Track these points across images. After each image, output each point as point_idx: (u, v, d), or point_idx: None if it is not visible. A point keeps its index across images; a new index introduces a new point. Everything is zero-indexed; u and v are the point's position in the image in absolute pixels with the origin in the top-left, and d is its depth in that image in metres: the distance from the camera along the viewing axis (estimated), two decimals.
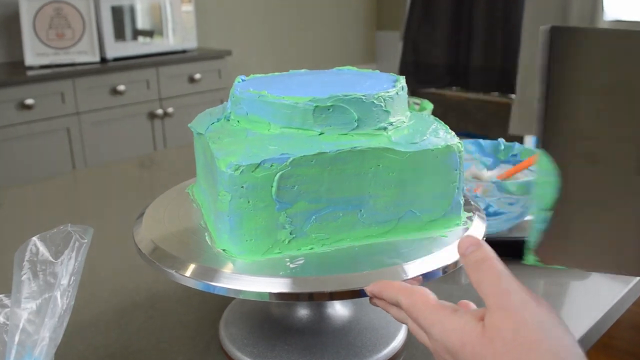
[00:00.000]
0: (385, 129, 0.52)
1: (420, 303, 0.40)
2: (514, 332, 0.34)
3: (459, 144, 0.53)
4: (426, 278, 0.47)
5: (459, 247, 0.41)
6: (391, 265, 0.47)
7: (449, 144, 0.52)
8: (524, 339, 0.34)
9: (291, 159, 0.47)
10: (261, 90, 0.53)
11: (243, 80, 0.59)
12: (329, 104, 0.50)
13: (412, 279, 0.46)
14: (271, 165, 0.47)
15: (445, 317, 0.38)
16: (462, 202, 0.55)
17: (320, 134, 0.50)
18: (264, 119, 0.52)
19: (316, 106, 0.50)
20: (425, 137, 0.52)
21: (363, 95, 0.51)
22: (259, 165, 0.47)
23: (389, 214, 0.52)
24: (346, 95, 0.50)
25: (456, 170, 0.53)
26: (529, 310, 0.35)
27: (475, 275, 0.38)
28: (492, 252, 0.39)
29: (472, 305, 0.44)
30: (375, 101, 0.51)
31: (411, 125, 0.55)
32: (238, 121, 0.54)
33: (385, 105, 0.52)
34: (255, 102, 0.52)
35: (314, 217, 0.49)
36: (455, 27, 3.24)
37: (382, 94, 0.52)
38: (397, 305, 0.42)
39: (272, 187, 0.47)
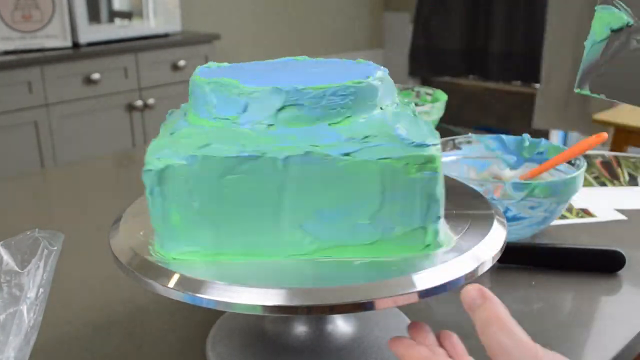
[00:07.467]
0: None
1: None
2: None
3: None
4: (441, 290, 0.47)
5: (463, 298, 0.43)
6: (399, 276, 0.47)
7: None
8: None
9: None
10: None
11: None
12: None
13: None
14: None
15: None
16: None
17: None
18: None
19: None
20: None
21: None
22: None
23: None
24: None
25: None
26: None
27: (484, 338, 0.41)
28: (499, 306, 0.42)
29: (454, 337, 0.47)
30: None
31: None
32: None
33: None
34: None
35: None
36: (473, 8, 3.24)
37: None
38: None
39: None
